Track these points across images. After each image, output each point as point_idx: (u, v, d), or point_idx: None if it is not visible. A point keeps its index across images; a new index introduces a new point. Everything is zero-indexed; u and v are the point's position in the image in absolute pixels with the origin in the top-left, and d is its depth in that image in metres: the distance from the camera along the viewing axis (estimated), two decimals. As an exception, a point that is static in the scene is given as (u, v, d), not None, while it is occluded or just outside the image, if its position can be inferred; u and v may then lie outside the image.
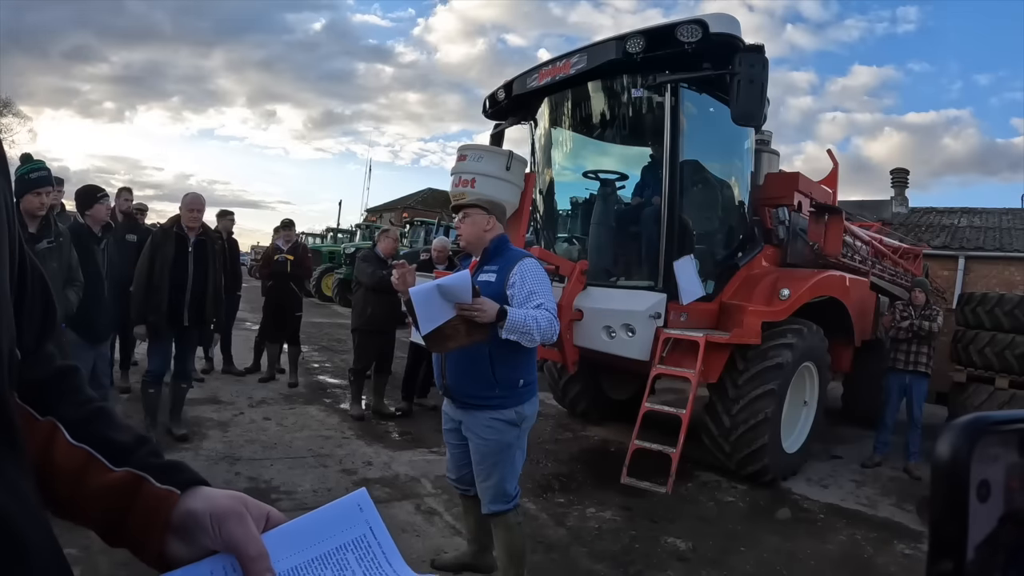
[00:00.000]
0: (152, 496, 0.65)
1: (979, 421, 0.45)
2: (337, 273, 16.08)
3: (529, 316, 2.60)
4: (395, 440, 5.44)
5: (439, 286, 2.50)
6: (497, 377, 2.74)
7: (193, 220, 4.78)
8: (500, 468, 2.83)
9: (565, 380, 6.40)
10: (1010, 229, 12.39)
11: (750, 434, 4.77)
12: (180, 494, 0.65)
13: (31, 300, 0.68)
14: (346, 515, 0.66)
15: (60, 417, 0.68)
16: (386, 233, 6.17)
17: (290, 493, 4.02)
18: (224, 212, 7.26)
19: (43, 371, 0.72)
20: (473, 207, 2.93)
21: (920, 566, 3.83)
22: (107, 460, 0.67)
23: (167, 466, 0.69)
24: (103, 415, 0.73)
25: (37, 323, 0.70)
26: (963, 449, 0.44)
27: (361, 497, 0.67)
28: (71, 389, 0.73)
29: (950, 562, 0.44)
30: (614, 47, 4.77)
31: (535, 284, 2.74)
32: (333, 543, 0.64)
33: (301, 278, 7.28)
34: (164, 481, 0.66)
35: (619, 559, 3.63)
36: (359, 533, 0.65)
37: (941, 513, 0.45)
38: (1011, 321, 6.04)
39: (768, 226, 5.95)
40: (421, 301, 2.48)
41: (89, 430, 0.69)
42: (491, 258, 2.87)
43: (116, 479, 0.65)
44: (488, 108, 6.05)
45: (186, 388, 5.05)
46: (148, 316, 4.63)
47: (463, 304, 2.50)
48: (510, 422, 2.79)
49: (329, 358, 8.97)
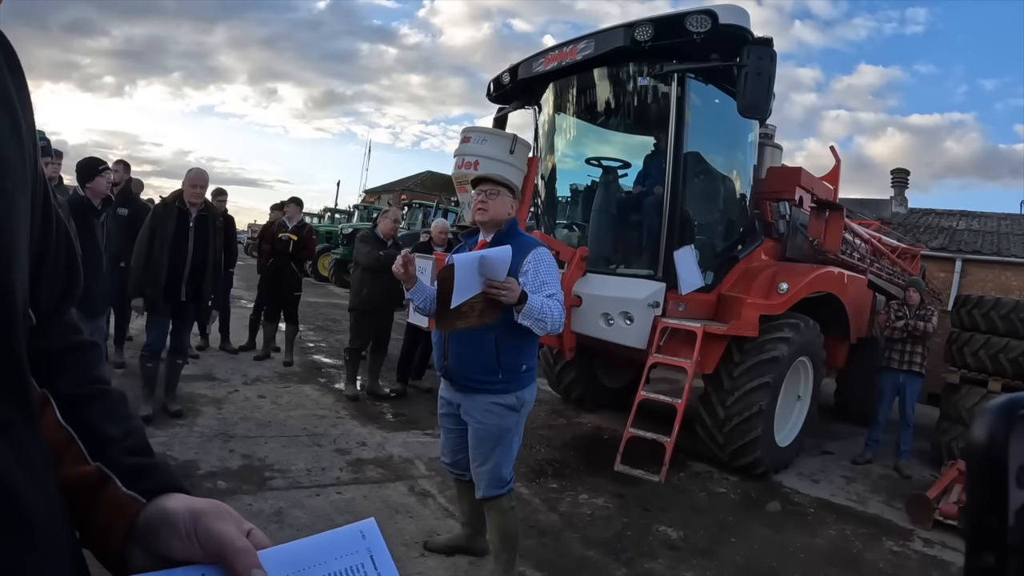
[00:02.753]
0: (113, 501, 0.60)
1: (1015, 402, 0.42)
2: (334, 253, 16.02)
3: (545, 304, 2.61)
4: (389, 421, 5.43)
5: (483, 257, 2.45)
6: (501, 363, 2.73)
7: (196, 196, 4.72)
8: (497, 453, 2.83)
9: (561, 366, 6.41)
10: (1008, 234, 12.41)
11: (744, 426, 4.79)
12: (144, 503, 0.60)
13: (54, 259, 0.64)
14: (346, 542, 0.60)
15: (56, 392, 0.64)
16: (386, 214, 6.12)
17: (283, 471, 4.01)
18: (218, 191, 7.19)
19: (57, 342, 0.68)
20: (503, 186, 2.87)
21: (907, 563, 3.87)
22: (87, 449, 0.62)
23: (139, 468, 0.63)
24: (102, 398, 0.68)
25: (58, 286, 0.66)
26: (1000, 433, 0.40)
27: (366, 525, 0.62)
28: (79, 365, 0.69)
29: (992, 555, 0.41)
30: (622, 34, 4.74)
31: (548, 274, 2.74)
32: (324, 570, 0.57)
33: (303, 259, 7.22)
34: (131, 486, 0.61)
35: (611, 546, 3.65)
36: (356, 561, 0.59)
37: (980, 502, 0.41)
38: (1006, 325, 6.04)
39: (769, 220, 5.95)
40: (463, 271, 2.40)
41: (81, 412, 0.65)
42: (503, 240, 2.80)
43: (86, 473, 0.61)
44: (492, 91, 6.01)
45: (182, 364, 5.01)
46: (146, 290, 4.59)
47: (494, 281, 2.46)
48: (510, 407, 2.79)
49: (325, 338, 8.95)
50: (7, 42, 0.55)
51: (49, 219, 0.63)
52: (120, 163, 6.24)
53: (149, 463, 0.64)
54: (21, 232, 0.54)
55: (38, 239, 0.60)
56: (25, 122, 0.56)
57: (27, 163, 0.55)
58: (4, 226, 0.51)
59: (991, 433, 0.41)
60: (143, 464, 0.64)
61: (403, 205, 17.77)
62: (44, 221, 0.61)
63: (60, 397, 0.64)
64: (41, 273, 0.62)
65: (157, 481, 0.62)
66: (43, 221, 0.61)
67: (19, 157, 0.54)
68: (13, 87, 0.55)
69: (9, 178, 0.52)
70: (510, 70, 5.67)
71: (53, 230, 0.63)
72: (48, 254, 0.63)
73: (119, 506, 0.59)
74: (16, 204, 0.53)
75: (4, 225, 0.51)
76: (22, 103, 0.56)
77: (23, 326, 0.54)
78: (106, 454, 0.62)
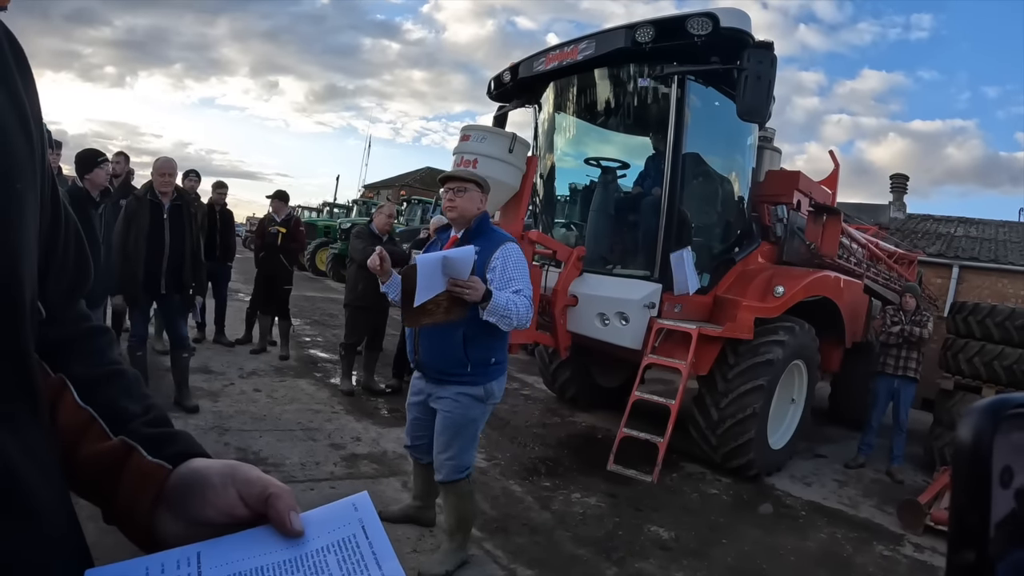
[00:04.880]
0: (139, 470, 0.61)
1: (1001, 403, 0.43)
2: (332, 248, 16.00)
3: (511, 301, 2.71)
4: (384, 417, 5.44)
5: (446, 257, 2.53)
6: (470, 356, 2.85)
7: (165, 184, 4.62)
8: (460, 440, 2.96)
9: (556, 365, 6.42)
10: (1006, 242, 12.44)
11: (737, 428, 4.81)
12: (171, 469, 0.61)
13: (63, 252, 0.65)
14: (339, 515, 0.61)
15: (72, 375, 0.65)
16: (381, 209, 6.10)
17: (278, 465, 4.02)
18: (218, 183, 7.19)
19: (69, 331, 0.69)
20: (471, 182, 2.96)
21: (898, 568, 3.89)
22: (108, 426, 0.63)
23: (162, 437, 0.64)
24: (118, 378, 0.69)
25: (68, 279, 0.67)
26: (986, 433, 0.42)
27: (359, 498, 0.62)
28: (93, 350, 0.70)
29: (972, 552, 0.42)
30: (623, 35, 4.74)
31: (515, 270, 2.84)
32: (315, 544, 0.58)
33: (293, 251, 7.21)
34: (156, 454, 0.62)
35: (602, 545, 3.66)
36: (348, 533, 0.59)
37: (963, 500, 0.43)
38: (1001, 332, 6.06)
39: (766, 223, 5.96)
40: (425, 271, 2.49)
41: (99, 392, 0.66)
42: (473, 236, 2.92)
43: (109, 448, 0.62)
44: (493, 90, 6.01)
45: (187, 357, 4.92)
46: (124, 286, 4.55)
47: (457, 280, 2.55)
48: (477, 398, 2.92)
49: (321, 332, 8.95)
50: (15, 39, 0.56)
51: (58, 213, 0.63)
52: (120, 155, 6.23)
53: (171, 432, 0.66)
54: (29, 228, 0.54)
55: (47, 233, 0.61)
56: (33, 118, 0.56)
57: (36, 160, 0.56)
58: (12, 224, 0.51)
59: (977, 433, 0.42)
60: (166, 433, 0.65)
61: (402, 201, 17.76)
62: (53, 216, 0.62)
63: (77, 380, 0.65)
64: (50, 267, 0.63)
65: (181, 447, 0.64)
66: (52, 216, 0.62)
67: (28, 156, 0.54)
68: (23, 86, 0.56)
69: (19, 179, 0.52)
70: (510, 69, 5.67)
71: (62, 224, 0.64)
72: (57, 248, 0.64)
73: (145, 474, 0.60)
74: (25, 202, 0.53)
75: (13, 223, 0.51)
76: (30, 100, 0.57)
77: (31, 320, 0.54)
78: (128, 428, 0.64)
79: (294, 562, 0.56)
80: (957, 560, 0.43)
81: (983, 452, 0.41)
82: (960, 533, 0.43)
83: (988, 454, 0.41)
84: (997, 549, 0.42)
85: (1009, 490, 0.42)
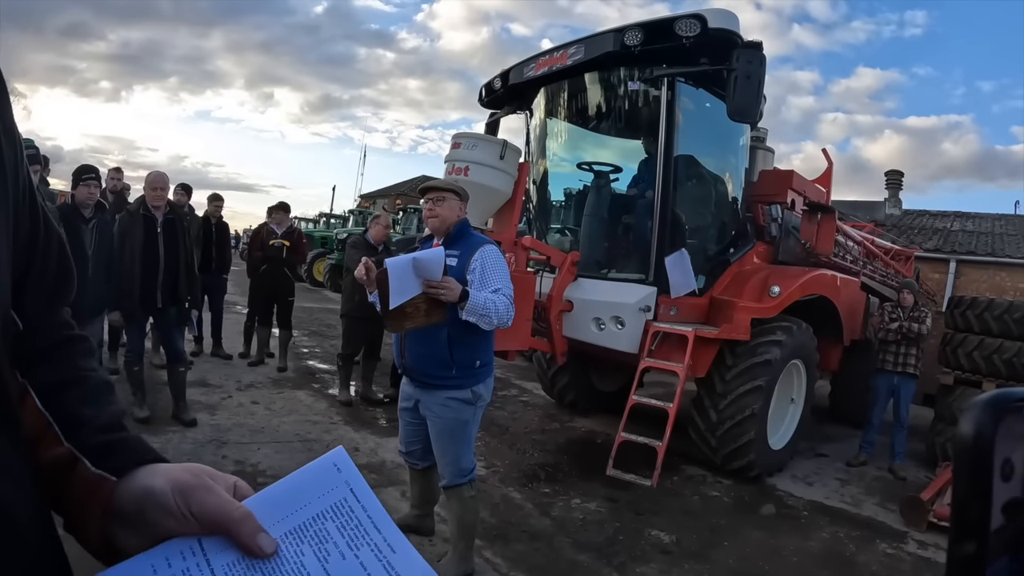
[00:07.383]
0: (83, 481, 0.58)
1: (1003, 398, 0.44)
2: (329, 258, 16.01)
3: (489, 300, 2.75)
4: (382, 426, 5.43)
5: (415, 259, 2.58)
6: (455, 358, 2.87)
7: (158, 199, 4.63)
8: (455, 444, 2.99)
9: (554, 371, 6.40)
10: (1002, 235, 12.44)
11: (736, 429, 4.79)
12: (115, 481, 0.58)
13: (42, 262, 0.64)
14: (323, 478, 0.60)
15: (34, 379, 0.63)
16: (377, 219, 6.08)
17: (276, 477, 3.94)
18: (214, 196, 7.19)
19: (45, 339, 0.67)
20: (448, 191, 3.01)
21: (901, 566, 3.87)
22: (62, 432, 0.61)
23: (108, 446, 0.61)
24: (83, 384, 0.67)
25: (48, 289, 0.67)
26: (987, 427, 0.43)
27: (338, 456, 0.61)
28: (62, 356, 0.68)
29: (973, 543, 0.43)
30: (612, 39, 4.75)
31: (494, 270, 2.88)
32: (309, 512, 0.57)
33: (295, 264, 7.21)
34: (100, 464, 0.59)
35: (603, 550, 3.64)
36: (339, 497, 0.58)
37: (964, 493, 0.44)
38: (1000, 326, 6.05)
39: (761, 223, 5.95)
40: (396, 274, 2.54)
41: (59, 397, 0.63)
42: (453, 242, 2.96)
43: (58, 455, 0.60)
44: (484, 96, 6.02)
45: (184, 371, 4.93)
46: (121, 302, 4.58)
47: (431, 281, 2.59)
48: (466, 401, 2.94)
49: (319, 343, 8.94)
50: None
51: (36, 223, 0.63)
52: (116, 170, 6.25)
53: (118, 439, 0.63)
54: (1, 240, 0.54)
55: (25, 245, 0.60)
56: (3, 127, 0.55)
57: (7, 171, 0.55)
58: None
59: (978, 427, 0.43)
60: (112, 441, 0.62)
61: (398, 210, 17.75)
62: (31, 226, 0.61)
63: (39, 385, 0.63)
64: (29, 277, 0.62)
65: (125, 458, 0.60)
66: (30, 226, 0.61)
67: None
68: None
69: None
70: (501, 75, 5.68)
71: (41, 236, 0.63)
72: (36, 259, 0.63)
73: (89, 485, 0.58)
74: None
75: None
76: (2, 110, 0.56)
77: (5, 330, 0.54)
78: (78, 435, 0.61)
79: (296, 533, 0.57)
80: (959, 552, 0.44)
81: (985, 445, 0.43)
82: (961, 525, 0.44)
83: (990, 448, 0.42)
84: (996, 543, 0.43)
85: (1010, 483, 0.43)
